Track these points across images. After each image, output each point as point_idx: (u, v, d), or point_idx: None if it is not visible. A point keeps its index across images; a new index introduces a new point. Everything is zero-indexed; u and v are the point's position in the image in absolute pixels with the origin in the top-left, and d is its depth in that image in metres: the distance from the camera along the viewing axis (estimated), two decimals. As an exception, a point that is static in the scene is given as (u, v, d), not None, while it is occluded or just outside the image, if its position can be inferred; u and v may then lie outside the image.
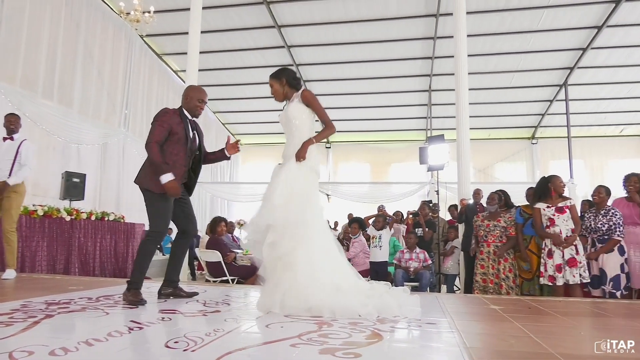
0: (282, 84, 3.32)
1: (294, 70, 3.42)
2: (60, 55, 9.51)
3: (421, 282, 5.79)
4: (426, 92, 14.18)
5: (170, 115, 3.30)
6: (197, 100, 3.46)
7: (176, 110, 3.41)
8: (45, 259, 6.07)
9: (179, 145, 3.27)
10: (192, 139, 3.38)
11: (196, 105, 3.45)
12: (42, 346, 1.86)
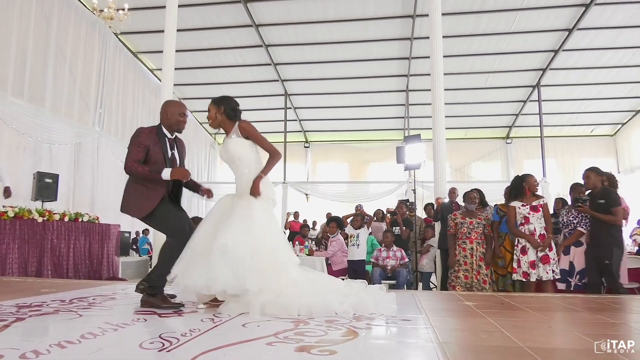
0: (219, 112, 3.18)
1: (237, 102, 3.26)
2: (30, 52, 9.26)
3: (398, 280, 5.86)
4: (404, 92, 14.34)
5: (145, 135, 3.14)
6: (179, 115, 3.27)
7: (152, 129, 3.22)
8: (16, 262, 5.91)
9: (156, 167, 3.09)
10: (170, 159, 3.22)
11: (178, 120, 3.27)
12: (13, 349, 1.83)
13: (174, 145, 3.32)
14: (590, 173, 4.65)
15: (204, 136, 17.23)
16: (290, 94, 14.91)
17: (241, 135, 3.16)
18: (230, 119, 3.20)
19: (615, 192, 4.64)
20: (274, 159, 3.18)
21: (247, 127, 3.17)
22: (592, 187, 4.64)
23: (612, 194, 4.53)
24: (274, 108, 15.29)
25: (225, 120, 3.20)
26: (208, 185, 12.87)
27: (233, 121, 3.21)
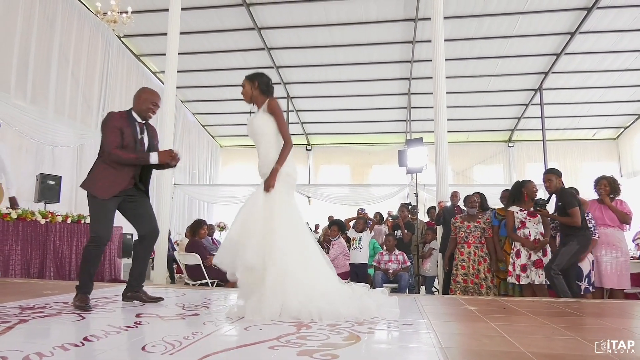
0: (253, 87, 3.28)
1: (270, 78, 3.37)
2: (33, 54, 9.29)
3: (400, 284, 5.86)
4: (406, 95, 14.34)
5: (117, 119, 3.23)
6: (151, 103, 3.36)
7: (123, 113, 3.32)
8: (19, 263, 5.92)
9: (127, 150, 3.20)
10: (139, 142, 3.30)
11: (149, 107, 3.35)
12: (16, 351, 1.84)
13: (143, 129, 3.39)
14: (551, 176, 4.64)
15: (206, 139, 17.25)
16: (292, 96, 14.93)
17: (267, 111, 3.22)
18: (263, 94, 3.28)
19: (572, 193, 4.58)
20: (286, 149, 3.20)
21: (273, 105, 3.23)
22: (554, 190, 4.62)
23: (568, 196, 4.47)
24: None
25: (259, 95, 3.28)
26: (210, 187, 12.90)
27: (265, 96, 3.28)
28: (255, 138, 3.25)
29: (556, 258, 4.35)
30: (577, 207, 4.38)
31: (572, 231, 4.40)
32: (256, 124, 3.21)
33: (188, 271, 6.15)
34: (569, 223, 4.37)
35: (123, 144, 3.18)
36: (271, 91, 3.33)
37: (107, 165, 3.17)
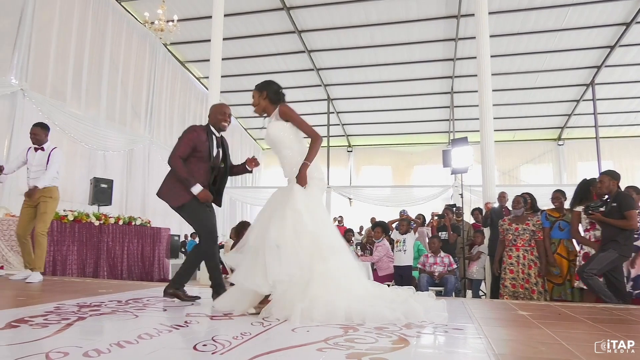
0: (262, 97, 3.21)
1: (279, 85, 3.28)
2: (86, 65, 9.79)
3: (446, 287, 5.72)
4: (448, 94, 14.06)
5: (197, 133, 3.37)
6: (220, 114, 3.51)
7: (203, 127, 3.47)
8: (75, 263, 6.22)
9: (201, 162, 3.35)
10: (215, 157, 3.45)
11: (218, 119, 3.50)
12: (76, 347, 1.91)
13: (220, 143, 3.53)
14: (604, 177, 4.41)
15: (249, 142, 17.58)
16: (332, 98, 14.96)
17: (281, 118, 3.15)
18: (273, 103, 3.20)
19: (629, 195, 4.34)
20: (316, 143, 3.13)
21: (285, 110, 3.15)
22: (606, 192, 4.38)
23: (626, 197, 4.26)
24: (316, 113, 15.39)
25: (269, 105, 3.22)
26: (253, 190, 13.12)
27: (275, 105, 3.21)
28: (275, 148, 3.21)
29: (591, 262, 4.13)
30: (634, 209, 4.14)
31: (615, 237, 4.16)
32: (272, 134, 3.15)
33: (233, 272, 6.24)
34: (624, 226, 4.14)
35: (197, 156, 3.35)
36: (281, 98, 3.23)
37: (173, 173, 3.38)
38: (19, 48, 8.13)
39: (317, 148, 3.13)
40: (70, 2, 9.41)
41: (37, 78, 8.60)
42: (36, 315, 2.66)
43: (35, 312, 2.75)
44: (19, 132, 7.90)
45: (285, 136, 3.14)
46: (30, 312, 2.75)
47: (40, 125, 5.07)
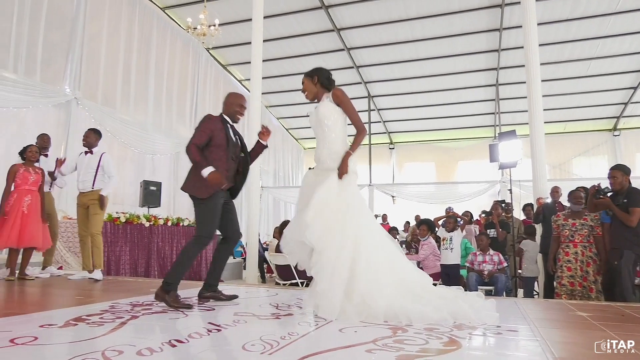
0: (313, 82, 3.22)
1: (329, 71, 3.29)
2: (134, 72, 10.17)
3: (496, 286, 5.51)
4: (493, 86, 13.60)
5: (212, 121, 3.34)
6: (237, 106, 3.47)
7: (218, 117, 3.44)
8: (128, 263, 6.47)
9: (220, 151, 3.29)
10: (234, 144, 3.40)
11: (235, 110, 3.47)
12: (130, 346, 1.97)
13: (236, 132, 3.50)
14: (616, 172, 4.32)
15: (291, 142, 17.72)
16: (373, 95, 14.82)
17: (333, 100, 3.16)
18: (324, 87, 3.22)
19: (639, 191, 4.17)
20: (361, 135, 3.14)
21: (339, 94, 3.15)
22: (619, 188, 4.29)
23: (635, 193, 4.14)
24: (357, 110, 15.25)
25: (320, 90, 3.22)
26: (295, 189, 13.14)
27: (328, 90, 3.22)
28: (319, 129, 3.17)
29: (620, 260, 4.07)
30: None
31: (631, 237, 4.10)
32: (322, 112, 3.13)
33: (278, 271, 6.30)
34: (625, 220, 4.12)
35: (212, 144, 3.29)
36: (333, 84, 3.25)
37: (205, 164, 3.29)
38: (72, 59, 8.55)
39: (361, 140, 3.15)
40: (117, 13, 9.80)
41: (89, 86, 9.01)
42: (93, 314, 2.77)
43: (91, 311, 2.87)
44: (74, 138, 8.31)
45: (333, 118, 3.13)
46: (87, 311, 2.87)
47: (93, 130, 5.36)
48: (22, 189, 4.92)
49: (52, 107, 8.24)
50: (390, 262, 3.00)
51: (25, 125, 7.73)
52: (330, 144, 3.12)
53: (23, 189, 4.92)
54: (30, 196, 4.94)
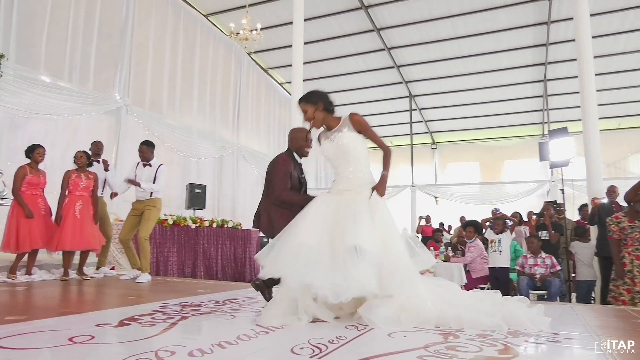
0: (318, 109, 2.99)
1: (326, 92, 3.09)
2: (179, 78, 10.47)
3: (550, 291, 5.26)
4: (541, 82, 13.07)
5: (290, 164, 3.34)
6: (302, 140, 3.43)
7: (290, 156, 3.42)
8: (175, 264, 6.65)
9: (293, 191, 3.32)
10: (303, 183, 3.42)
11: (302, 145, 3.44)
12: (181, 347, 2.00)
13: (302, 169, 3.50)
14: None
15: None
16: (414, 95, 14.59)
17: (354, 128, 2.99)
18: (331, 113, 3.07)
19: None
20: (389, 156, 3.03)
21: (360, 120, 2.99)
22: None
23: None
24: (398, 111, 15.12)
25: (327, 116, 3.05)
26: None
27: (333, 113, 3.06)
28: (343, 159, 3.02)
29: None
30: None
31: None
32: (347, 144, 2.96)
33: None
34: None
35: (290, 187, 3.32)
36: (334, 107, 3.08)
37: (280, 209, 3.29)
38: (121, 67, 8.90)
39: (390, 159, 3.04)
40: (163, 21, 10.13)
41: (137, 93, 9.36)
42: (144, 314, 2.85)
43: (143, 311, 2.95)
44: (124, 143, 8.65)
45: (359, 148, 3.00)
46: (139, 311, 2.95)
47: (146, 144, 5.60)
48: (74, 195, 5.15)
49: (103, 114, 8.60)
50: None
51: (79, 132, 8.10)
52: (357, 172, 2.99)
53: (74, 195, 5.15)
54: (81, 201, 5.15)
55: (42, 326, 2.42)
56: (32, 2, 7.40)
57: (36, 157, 5.08)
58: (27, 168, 5.03)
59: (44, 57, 7.53)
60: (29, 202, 4.92)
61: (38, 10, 7.47)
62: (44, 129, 7.66)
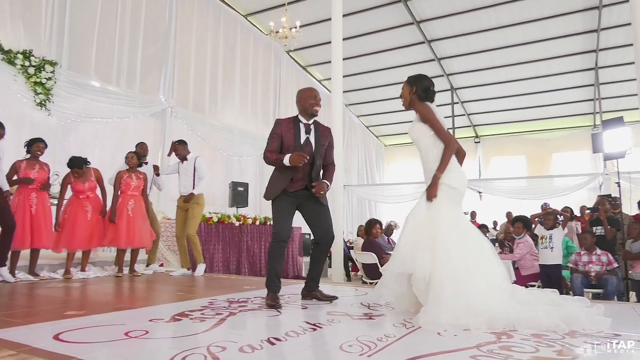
0: (411, 92, 3.05)
1: (432, 82, 3.09)
2: (220, 79, 10.69)
3: (606, 289, 4.99)
4: (592, 70, 12.45)
5: (280, 125, 3.41)
6: (310, 99, 3.41)
7: (289, 118, 3.46)
8: (221, 261, 6.79)
9: (289, 152, 3.29)
10: (303, 144, 3.35)
11: (310, 104, 3.39)
12: (232, 342, 2.03)
13: (310, 129, 3.41)
14: None
15: (372, 140, 17.61)
16: (456, 87, 14.25)
17: (420, 119, 3.00)
18: (420, 99, 3.04)
19: None
20: (446, 153, 2.92)
21: (422, 110, 2.98)
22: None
23: None
24: (440, 104, 14.67)
25: (415, 102, 3.05)
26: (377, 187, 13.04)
27: (422, 102, 3.04)
28: (419, 150, 3.09)
29: None
30: None
31: None
32: (415, 134, 3.05)
33: (365, 270, 6.26)
34: None
35: (283, 148, 3.35)
36: (430, 97, 3.05)
37: (275, 171, 3.43)
38: (165, 70, 9.18)
39: (449, 157, 2.92)
40: (204, 24, 10.36)
41: (181, 95, 9.63)
42: (194, 309, 2.92)
43: (193, 307, 3.02)
44: (169, 144, 8.90)
45: (424, 141, 3.00)
46: (189, 307, 3.03)
47: (178, 142, 5.78)
48: (126, 194, 5.36)
49: (149, 116, 8.90)
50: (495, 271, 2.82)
51: (127, 134, 8.40)
52: (427, 163, 3.02)
53: (126, 194, 5.37)
54: (133, 200, 5.36)
55: (99, 321, 2.53)
56: (83, 12, 7.74)
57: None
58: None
59: (94, 63, 7.87)
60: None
61: (88, 19, 7.82)
62: (94, 132, 8.00)
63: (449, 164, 2.91)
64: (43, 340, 2.04)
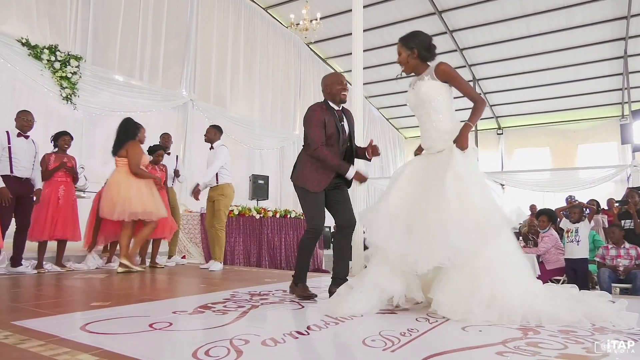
0: (412, 56, 2.83)
1: (429, 37, 2.87)
2: (241, 72, 10.73)
3: (635, 284, 4.87)
4: (620, 59, 12.06)
5: (320, 112, 3.18)
6: (337, 84, 3.25)
7: (322, 104, 3.27)
8: (242, 253, 6.85)
9: (331, 141, 3.16)
10: (341, 130, 3.22)
11: (337, 89, 3.24)
12: (255, 335, 2.04)
13: (342, 116, 3.30)
14: None
15: (391, 131, 17.49)
16: (478, 78, 14.00)
17: (437, 78, 2.78)
18: (424, 61, 2.86)
19: None
20: (480, 107, 2.79)
21: (447, 69, 2.76)
22: None
23: None
24: (461, 96, 14.54)
25: (419, 64, 2.86)
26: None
27: (427, 62, 2.86)
28: (422, 110, 2.84)
29: None
30: None
31: None
32: (425, 93, 2.77)
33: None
34: None
35: (326, 135, 3.16)
36: (433, 54, 2.85)
37: (314, 160, 3.20)
38: (187, 64, 9.27)
39: (481, 112, 2.80)
40: (225, 18, 10.40)
41: (202, 88, 9.71)
42: (217, 302, 2.94)
43: (215, 299, 3.05)
44: (191, 137, 9.04)
45: (440, 99, 2.78)
46: (212, 299, 3.06)
47: (213, 126, 5.73)
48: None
49: (171, 109, 9.01)
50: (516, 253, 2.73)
51: (150, 127, 8.45)
52: (438, 124, 2.80)
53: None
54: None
55: (124, 312, 2.57)
56: (106, 8, 7.86)
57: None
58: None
59: (118, 57, 7.99)
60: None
61: (111, 15, 7.93)
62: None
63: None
64: (71, 330, 2.09)
